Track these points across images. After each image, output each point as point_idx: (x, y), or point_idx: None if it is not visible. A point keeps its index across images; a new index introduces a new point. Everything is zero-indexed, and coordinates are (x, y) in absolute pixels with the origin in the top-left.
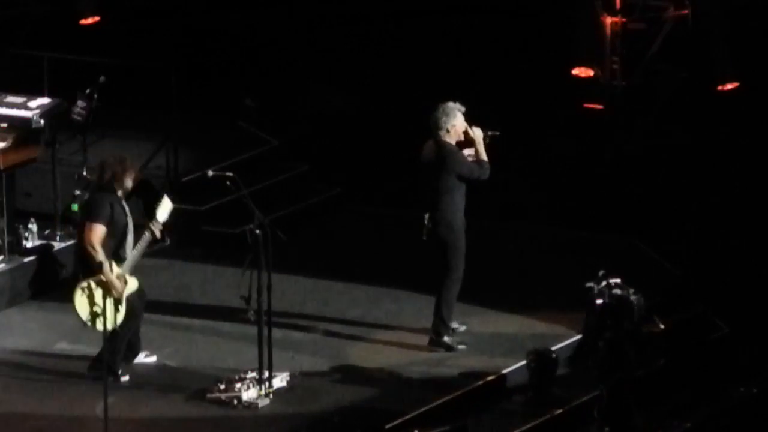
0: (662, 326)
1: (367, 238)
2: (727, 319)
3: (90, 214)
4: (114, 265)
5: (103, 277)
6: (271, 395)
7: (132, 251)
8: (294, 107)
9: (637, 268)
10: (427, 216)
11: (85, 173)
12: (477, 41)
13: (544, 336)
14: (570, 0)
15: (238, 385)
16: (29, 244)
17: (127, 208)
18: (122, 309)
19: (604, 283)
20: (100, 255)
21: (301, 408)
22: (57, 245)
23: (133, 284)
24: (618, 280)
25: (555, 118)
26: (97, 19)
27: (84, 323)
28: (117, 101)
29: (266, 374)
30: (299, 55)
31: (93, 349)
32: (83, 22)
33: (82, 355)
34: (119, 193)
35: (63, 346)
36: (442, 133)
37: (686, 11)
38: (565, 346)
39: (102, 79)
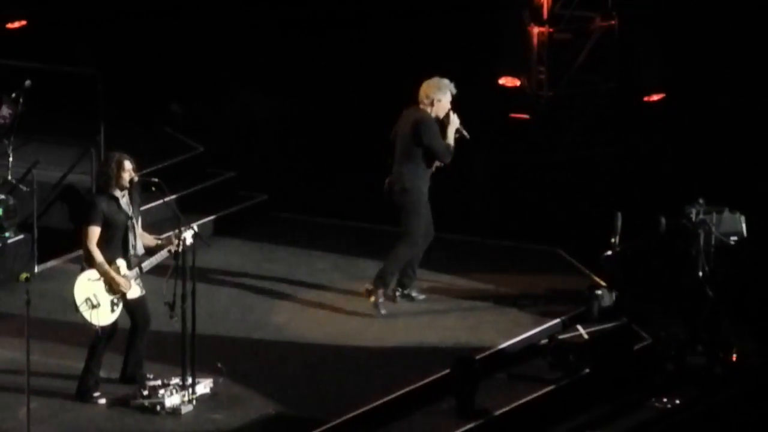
0: (586, 336)
1: (293, 246)
2: (649, 329)
3: (84, 218)
4: (123, 265)
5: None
6: (194, 401)
7: (145, 260)
8: (220, 113)
9: (561, 276)
10: (387, 181)
11: (9, 177)
12: (405, 49)
13: (468, 344)
14: (497, 9)
15: (162, 391)
16: None
17: (127, 206)
18: (116, 312)
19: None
20: (98, 256)
21: (224, 415)
22: None
23: (135, 291)
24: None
25: (481, 127)
26: (24, 23)
27: (75, 307)
28: (43, 106)
29: (190, 380)
30: (225, 61)
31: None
32: (10, 26)
33: None
34: (116, 192)
35: None
36: (427, 103)
37: (613, 22)
38: (490, 354)
39: (28, 83)
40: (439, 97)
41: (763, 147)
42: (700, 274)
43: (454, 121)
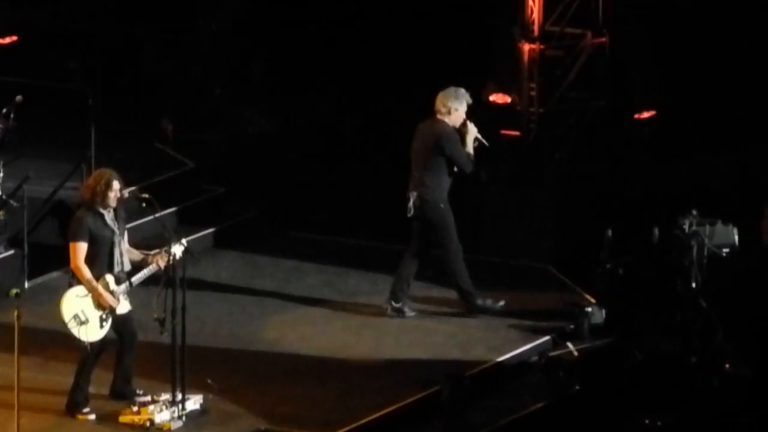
0: (576, 353)
1: (283, 261)
2: (641, 345)
3: (70, 235)
4: (111, 281)
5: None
6: (184, 418)
7: (133, 275)
8: (210, 129)
9: (551, 293)
10: (414, 195)
11: None
12: (399, 69)
13: (458, 360)
14: (488, 26)
15: (151, 408)
16: None
17: (113, 222)
18: (105, 327)
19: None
20: (86, 273)
21: (214, 431)
22: None
23: (123, 307)
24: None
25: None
26: (14, 38)
27: (64, 323)
28: (34, 121)
29: (179, 396)
30: (216, 77)
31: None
32: (0, 41)
33: None
34: (101, 209)
35: None
36: (444, 112)
37: (604, 39)
38: (480, 371)
39: (19, 98)
40: (456, 106)
41: (754, 158)
42: (694, 285)
43: (472, 130)
